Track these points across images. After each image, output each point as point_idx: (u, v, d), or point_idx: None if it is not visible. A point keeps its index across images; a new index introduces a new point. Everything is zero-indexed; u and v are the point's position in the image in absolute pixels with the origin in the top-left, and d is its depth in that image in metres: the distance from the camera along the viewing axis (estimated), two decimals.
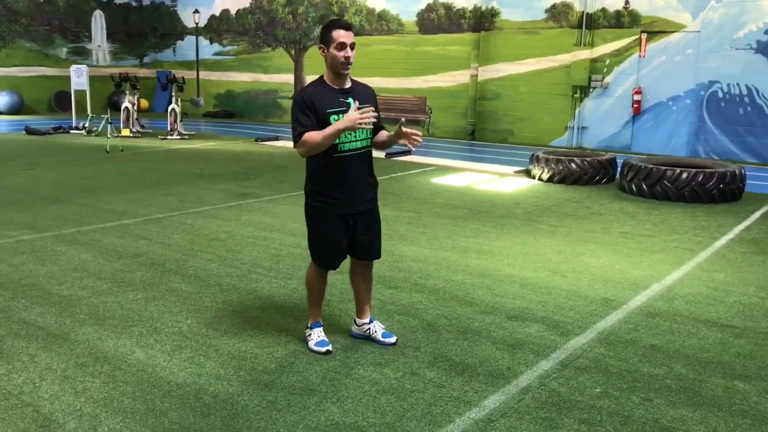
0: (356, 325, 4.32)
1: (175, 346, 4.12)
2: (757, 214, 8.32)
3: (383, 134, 4.11)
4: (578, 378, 3.81)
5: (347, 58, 3.75)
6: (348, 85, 3.90)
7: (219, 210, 7.97)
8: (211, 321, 4.53)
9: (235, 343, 4.18)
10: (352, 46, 3.77)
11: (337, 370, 3.84)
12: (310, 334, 4.15)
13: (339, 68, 3.78)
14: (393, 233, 7.01)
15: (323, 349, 4.05)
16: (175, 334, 4.30)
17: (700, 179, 8.83)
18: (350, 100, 3.84)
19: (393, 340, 4.23)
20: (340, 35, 3.72)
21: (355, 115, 3.64)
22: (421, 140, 3.95)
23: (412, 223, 7.49)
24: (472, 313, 4.79)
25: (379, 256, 4.27)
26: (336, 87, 3.85)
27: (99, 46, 22.75)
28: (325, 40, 3.76)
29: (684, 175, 8.87)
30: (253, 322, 4.54)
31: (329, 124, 3.74)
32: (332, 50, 3.73)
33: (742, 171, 9.19)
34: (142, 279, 5.37)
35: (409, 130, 3.89)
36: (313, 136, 3.69)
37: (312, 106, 3.75)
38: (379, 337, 4.23)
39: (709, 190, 8.83)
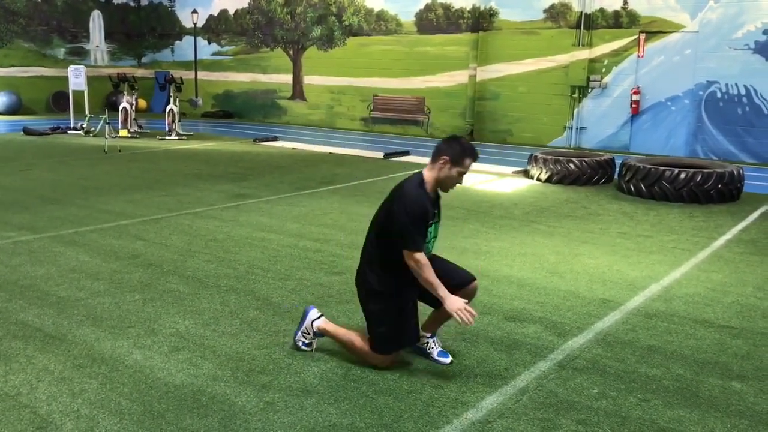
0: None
1: (172, 347, 4.11)
2: (755, 215, 8.32)
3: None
4: (576, 379, 3.80)
5: (459, 184, 3.81)
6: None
7: (217, 211, 7.97)
8: (208, 322, 4.53)
9: (232, 344, 4.17)
10: None
11: (334, 371, 3.84)
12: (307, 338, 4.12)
13: (446, 188, 3.82)
14: None
15: (309, 350, 4.09)
16: (172, 335, 4.30)
17: (698, 180, 8.83)
18: (436, 210, 3.86)
19: (448, 360, 3.98)
20: (470, 166, 3.75)
21: (463, 308, 3.57)
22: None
23: None
24: None
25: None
26: (432, 195, 3.83)
27: (97, 46, 22.71)
28: (455, 159, 3.70)
29: (682, 176, 8.88)
30: (250, 323, 4.53)
31: (426, 235, 3.73)
32: (454, 171, 3.72)
33: (741, 171, 9.20)
34: (139, 280, 5.36)
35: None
36: (427, 272, 3.62)
37: (426, 219, 3.71)
38: (434, 354, 4.00)
39: (707, 190, 8.83)
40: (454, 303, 3.57)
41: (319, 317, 4.07)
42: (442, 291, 3.62)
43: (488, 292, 5.25)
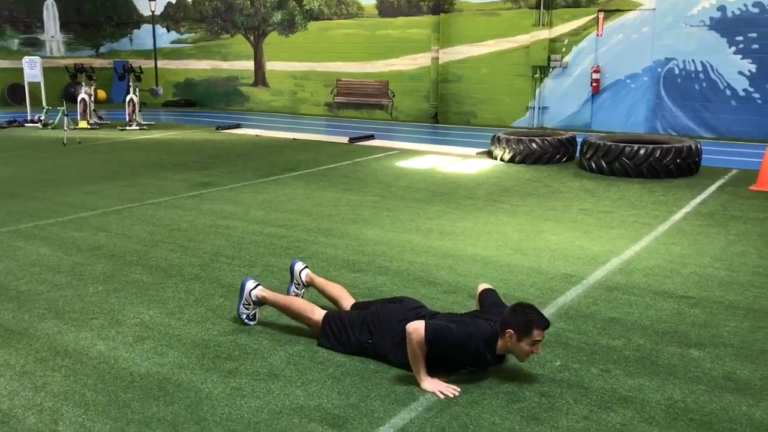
0: None
1: (137, 337, 4.09)
2: (713, 188, 8.50)
3: None
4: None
5: (534, 352, 3.47)
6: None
7: (180, 200, 7.89)
8: (173, 311, 4.50)
9: (198, 332, 4.16)
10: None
11: (302, 355, 3.85)
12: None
13: (520, 358, 3.53)
14: (357, 218, 7.02)
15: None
16: (136, 325, 4.26)
17: (657, 155, 8.99)
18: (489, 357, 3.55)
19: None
20: (540, 335, 3.42)
21: (443, 389, 3.41)
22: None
23: (376, 207, 7.51)
24: (435, 293, 4.83)
25: None
26: (498, 355, 3.57)
27: (52, 36, 22.20)
28: (520, 330, 3.40)
29: (642, 152, 9.02)
30: (216, 310, 4.52)
31: (447, 357, 3.53)
32: (524, 344, 3.42)
33: (698, 146, 9.37)
34: (102, 271, 5.30)
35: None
36: (420, 350, 3.43)
37: (464, 354, 3.50)
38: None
39: (666, 165, 8.99)
40: (432, 384, 3.42)
41: (256, 286, 4.24)
42: (423, 371, 3.46)
43: (453, 272, 5.30)
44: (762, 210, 7.32)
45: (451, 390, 3.40)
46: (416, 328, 3.44)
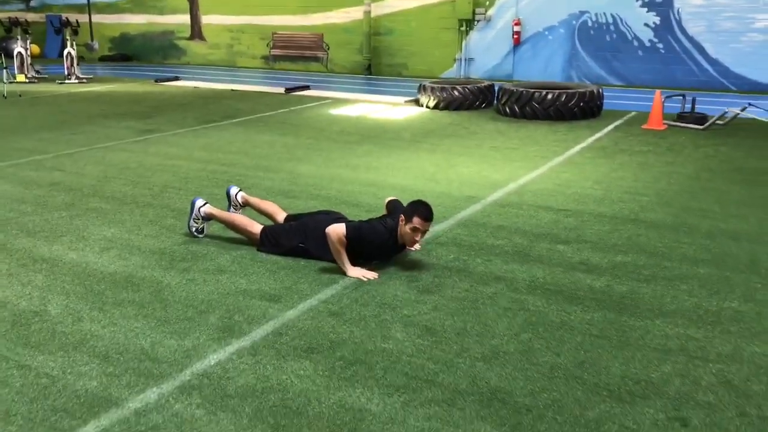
0: None
1: (102, 248, 4.83)
2: (610, 127, 9.58)
3: None
4: (437, 250, 4.79)
5: (416, 240, 4.38)
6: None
7: (127, 144, 8.50)
8: (131, 229, 5.25)
9: (155, 243, 4.93)
10: (425, 232, 4.39)
11: (244, 256, 4.68)
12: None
13: (406, 242, 4.43)
14: (292, 156, 7.80)
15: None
16: (101, 240, 5.01)
17: (563, 99, 10.00)
18: (392, 252, 4.55)
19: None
20: (419, 223, 4.29)
21: (365, 274, 4.30)
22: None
23: (310, 148, 8.29)
24: (357, 213, 5.67)
25: None
26: (399, 243, 4.47)
27: None
28: (407, 215, 4.34)
29: (549, 96, 10.02)
30: (169, 228, 5.28)
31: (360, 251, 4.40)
32: (407, 228, 4.31)
33: (600, 91, 10.42)
34: (63, 201, 5.97)
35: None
36: (341, 246, 4.30)
37: (371, 246, 4.39)
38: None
39: (571, 108, 10.01)
40: (355, 271, 4.31)
41: (205, 204, 5.01)
42: (347, 262, 4.35)
43: (374, 196, 6.17)
44: (646, 144, 8.41)
45: (371, 274, 4.30)
46: (335, 229, 4.32)
